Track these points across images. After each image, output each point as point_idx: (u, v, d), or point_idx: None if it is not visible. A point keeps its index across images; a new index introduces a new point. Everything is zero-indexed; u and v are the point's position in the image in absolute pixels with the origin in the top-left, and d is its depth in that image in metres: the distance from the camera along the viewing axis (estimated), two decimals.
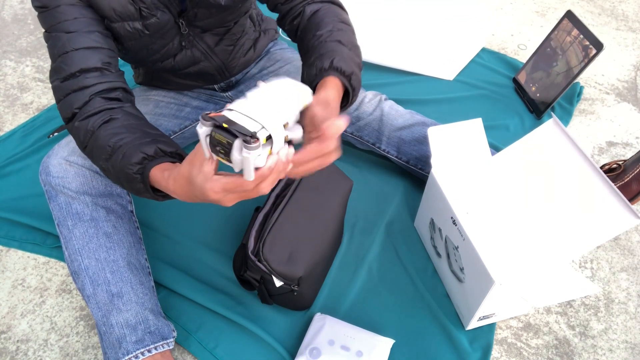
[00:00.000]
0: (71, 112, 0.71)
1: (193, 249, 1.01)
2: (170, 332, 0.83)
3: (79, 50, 0.72)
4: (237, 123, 0.48)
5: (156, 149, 0.65)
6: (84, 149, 0.72)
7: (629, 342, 0.89)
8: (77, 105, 0.70)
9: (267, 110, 0.51)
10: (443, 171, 0.87)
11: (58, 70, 0.72)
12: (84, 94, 0.71)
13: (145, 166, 0.64)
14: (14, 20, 1.68)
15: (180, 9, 0.82)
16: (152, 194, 0.66)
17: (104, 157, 0.68)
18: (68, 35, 0.72)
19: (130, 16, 0.77)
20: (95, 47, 0.73)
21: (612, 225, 0.72)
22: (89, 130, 0.69)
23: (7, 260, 1.03)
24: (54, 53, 0.73)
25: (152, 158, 0.64)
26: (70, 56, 0.71)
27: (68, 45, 0.72)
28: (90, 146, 0.70)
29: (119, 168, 0.65)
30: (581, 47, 1.19)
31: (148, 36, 0.81)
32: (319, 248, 0.83)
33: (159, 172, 0.63)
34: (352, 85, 0.71)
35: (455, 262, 0.86)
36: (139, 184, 0.65)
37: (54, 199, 0.84)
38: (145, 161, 0.64)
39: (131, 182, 0.65)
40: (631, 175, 0.99)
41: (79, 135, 0.71)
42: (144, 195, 0.67)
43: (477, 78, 1.39)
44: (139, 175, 0.64)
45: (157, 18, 0.80)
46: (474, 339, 0.88)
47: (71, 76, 0.71)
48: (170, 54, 0.89)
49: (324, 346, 0.83)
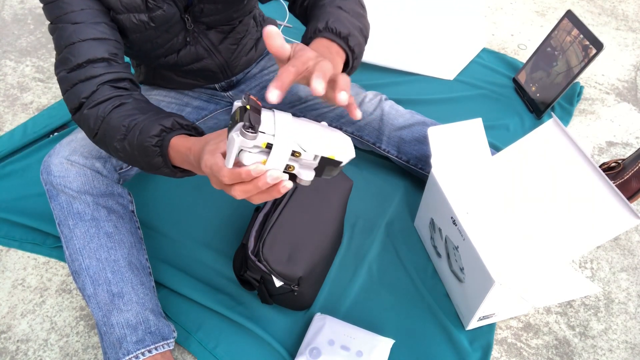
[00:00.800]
0: (78, 101, 0.71)
1: (193, 249, 1.01)
2: (170, 332, 0.83)
3: (85, 41, 0.72)
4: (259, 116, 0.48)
5: (173, 122, 0.65)
6: (94, 136, 0.71)
7: (629, 342, 0.89)
8: (85, 95, 0.70)
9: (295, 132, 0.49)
10: (443, 171, 0.87)
11: (64, 61, 0.72)
12: (92, 84, 0.71)
13: (164, 138, 0.64)
14: (14, 20, 1.68)
15: (186, 3, 0.83)
16: (170, 167, 0.66)
17: (119, 138, 0.67)
18: (74, 27, 0.72)
19: (137, 8, 0.78)
20: (102, 38, 0.73)
21: (612, 226, 0.72)
22: (100, 117, 0.69)
23: (7, 260, 1.03)
24: (60, 44, 0.73)
25: (169, 130, 0.65)
26: (77, 47, 0.71)
27: (74, 36, 0.72)
28: (102, 131, 0.69)
29: (137, 144, 0.65)
30: (581, 47, 1.19)
31: (153, 29, 0.82)
32: (319, 248, 0.83)
33: (179, 140, 0.63)
34: (349, 46, 0.68)
35: (455, 262, 0.86)
36: (157, 157, 0.65)
37: (55, 198, 0.84)
38: (163, 133, 0.64)
39: (150, 156, 0.65)
40: (630, 173, 0.99)
41: (88, 122, 0.70)
42: (162, 171, 0.67)
43: (477, 78, 1.39)
44: (157, 147, 0.64)
45: (163, 10, 0.80)
46: (474, 339, 0.88)
47: (78, 67, 0.71)
48: (174, 49, 0.89)
49: (324, 346, 0.83)
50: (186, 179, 1.14)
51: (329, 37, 0.67)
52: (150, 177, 1.14)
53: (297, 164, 0.51)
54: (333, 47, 0.66)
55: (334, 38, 0.67)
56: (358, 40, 0.70)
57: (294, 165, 0.51)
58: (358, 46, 0.70)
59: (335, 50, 0.66)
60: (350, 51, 0.68)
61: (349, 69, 0.70)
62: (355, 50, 0.69)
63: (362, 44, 0.71)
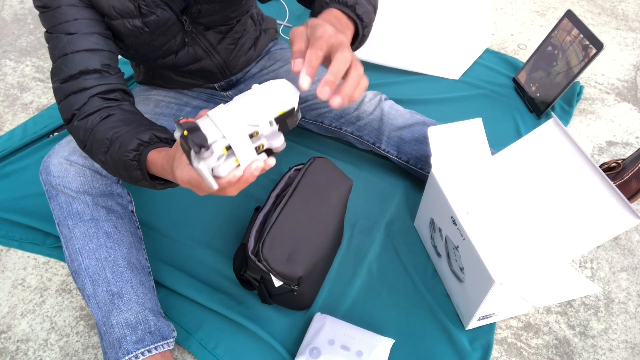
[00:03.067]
0: (71, 113, 0.72)
1: (193, 249, 1.01)
2: (170, 332, 0.83)
3: (78, 53, 0.73)
4: (200, 131, 0.47)
5: (151, 135, 0.66)
6: (83, 147, 0.73)
7: (629, 342, 0.89)
8: (76, 107, 0.72)
9: (237, 118, 0.49)
10: (443, 171, 0.87)
11: (58, 72, 0.73)
12: (83, 96, 0.72)
13: (142, 152, 0.65)
14: (14, 20, 1.68)
15: (183, 6, 0.83)
16: (149, 180, 0.67)
17: (103, 151, 0.69)
18: (68, 37, 0.73)
19: (130, 13, 0.78)
20: (95, 49, 0.74)
21: (612, 225, 0.72)
22: (88, 129, 0.70)
23: (7, 260, 1.03)
24: (55, 54, 0.74)
25: (147, 144, 0.66)
26: (70, 58, 0.72)
27: (68, 47, 0.72)
28: (90, 143, 0.71)
29: (117, 158, 0.66)
30: (581, 46, 1.19)
31: (148, 33, 0.82)
32: (319, 248, 0.83)
33: (155, 154, 0.64)
34: (357, 14, 0.66)
35: (455, 262, 0.86)
36: (136, 170, 0.66)
37: (54, 198, 0.84)
38: (141, 147, 0.65)
39: (129, 170, 0.66)
40: (630, 174, 0.99)
41: (78, 134, 0.72)
42: (142, 184, 0.68)
43: (477, 78, 1.39)
44: (135, 162, 0.65)
45: (156, 16, 0.80)
46: (474, 339, 0.88)
47: (71, 78, 0.72)
48: (172, 51, 0.89)
49: (324, 346, 0.83)
50: None
51: (337, 7, 0.66)
52: None
53: (263, 139, 0.51)
54: (342, 18, 0.65)
55: (341, 8, 0.66)
56: (366, 9, 0.68)
57: (262, 143, 0.51)
58: (367, 14, 0.68)
59: (344, 22, 0.65)
60: (359, 19, 0.67)
61: (359, 38, 0.69)
62: (364, 19, 0.68)
63: (370, 12, 0.70)
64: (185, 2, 0.82)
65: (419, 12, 1.55)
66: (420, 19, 1.53)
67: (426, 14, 1.55)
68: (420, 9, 1.55)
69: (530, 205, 0.81)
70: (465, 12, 1.53)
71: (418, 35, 1.49)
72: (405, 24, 1.54)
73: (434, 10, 1.55)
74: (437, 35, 1.49)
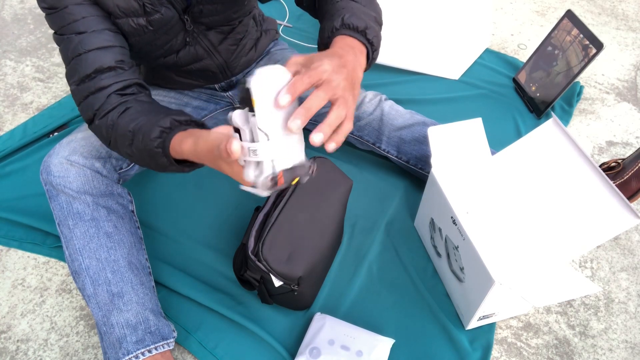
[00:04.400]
0: (92, 113, 0.73)
1: (193, 249, 1.01)
2: (170, 332, 0.83)
3: (91, 52, 0.73)
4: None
5: (171, 120, 0.67)
6: (109, 144, 0.74)
7: (629, 341, 0.89)
8: (96, 107, 0.73)
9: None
10: (443, 171, 0.87)
11: (73, 73, 0.74)
12: (102, 95, 0.73)
13: (165, 139, 0.66)
14: (14, 20, 1.68)
15: (185, 5, 0.83)
16: (176, 165, 0.68)
17: (127, 144, 0.70)
18: (79, 37, 0.73)
19: (134, 12, 0.78)
20: (107, 47, 0.75)
21: (612, 225, 0.72)
22: (109, 125, 0.72)
23: (7, 260, 1.03)
24: (67, 56, 0.74)
25: (169, 130, 0.66)
26: (84, 58, 0.73)
27: (80, 47, 0.73)
28: (114, 138, 0.72)
29: (142, 148, 0.67)
30: (581, 46, 1.19)
31: (152, 32, 0.82)
32: (318, 248, 0.83)
33: (178, 138, 0.65)
34: (368, 39, 0.68)
35: (455, 261, 0.86)
36: (162, 157, 0.66)
37: (54, 198, 0.84)
38: (163, 134, 0.66)
39: (155, 158, 0.67)
40: (630, 173, 0.99)
41: (102, 132, 0.73)
42: (171, 169, 0.69)
43: (477, 78, 1.39)
44: (160, 149, 0.66)
45: (160, 14, 0.80)
46: (474, 339, 0.88)
47: (87, 77, 0.73)
48: (174, 50, 0.89)
49: (324, 346, 0.83)
50: (186, 179, 1.14)
51: (348, 33, 0.67)
52: (150, 177, 1.14)
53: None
54: (356, 45, 0.67)
55: (352, 34, 0.67)
56: (375, 32, 0.70)
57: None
58: (376, 38, 0.70)
59: (359, 49, 0.66)
60: (370, 44, 0.69)
61: (369, 61, 0.70)
62: (374, 43, 0.69)
63: (379, 34, 0.72)
64: (187, 1, 0.83)
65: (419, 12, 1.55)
66: (421, 19, 1.53)
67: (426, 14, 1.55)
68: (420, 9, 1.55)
69: (530, 205, 0.81)
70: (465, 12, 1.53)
71: (418, 35, 1.49)
72: (406, 23, 1.54)
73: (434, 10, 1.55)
74: (437, 35, 1.49)
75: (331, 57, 0.58)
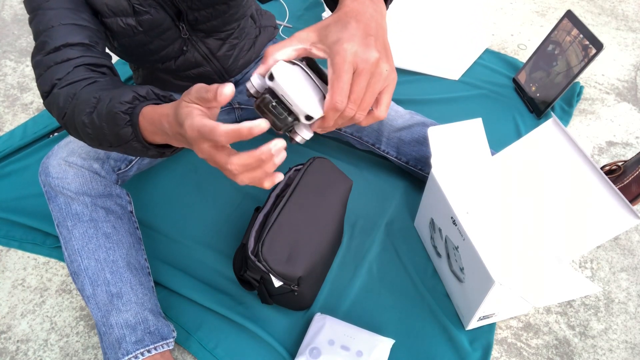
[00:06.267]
0: (51, 83, 0.64)
1: (193, 249, 1.01)
2: (170, 333, 0.83)
3: (66, 25, 0.67)
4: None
5: (148, 90, 0.59)
6: (62, 117, 0.64)
7: (629, 342, 0.89)
8: (59, 76, 0.64)
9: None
10: (443, 171, 0.87)
11: (41, 46, 0.67)
12: (68, 65, 0.65)
13: (136, 106, 0.57)
14: (14, 20, 1.68)
15: (176, 10, 0.82)
16: (141, 141, 0.58)
17: (88, 111, 0.60)
18: (54, 12, 0.68)
19: (123, 11, 0.77)
20: (83, 25, 0.70)
21: (612, 225, 0.72)
22: (70, 94, 0.63)
23: (7, 260, 1.03)
24: (39, 29, 0.67)
25: (143, 99, 0.58)
26: (56, 30, 0.66)
27: (55, 20, 0.67)
28: (72, 108, 0.62)
29: (106, 112, 0.57)
30: (581, 46, 1.19)
31: (142, 33, 0.81)
32: (318, 248, 0.83)
33: (150, 109, 0.56)
34: None
35: (455, 262, 0.86)
36: (126, 127, 0.56)
37: (53, 199, 0.84)
38: (136, 101, 0.57)
39: (118, 126, 0.57)
40: (631, 177, 0.99)
41: (58, 102, 0.63)
42: (132, 146, 0.59)
43: (477, 78, 1.39)
44: (127, 115, 0.56)
45: (150, 15, 0.79)
46: (474, 339, 0.88)
47: (55, 49, 0.66)
48: (171, 57, 0.89)
49: (324, 346, 0.83)
50: (185, 179, 1.14)
51: None
52: (149, 178, 1.14)
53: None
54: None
55: None
56: None
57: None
58: None
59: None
60: None
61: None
62: None
63: None
64: (176, 6, 0.82)
65: (419, 13, 1.55)
66: (421, 20, 1.53)
67: (426, 14, 1.55)
68: (420, 9, 1.55)
69: (530, 205, 0.81)
70: (465, 13, 1.53)
71: (418, 35, 1.49)
72: (406, 24, 1.54)
73: (434, 10, 1.55)
74: (437, 36, 1.49)
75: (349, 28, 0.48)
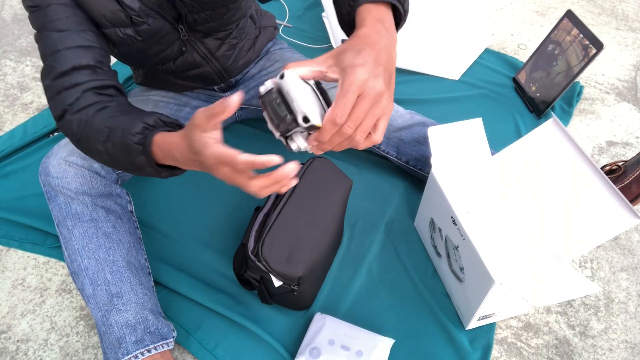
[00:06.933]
0: (62, 109, 0.69)
1: (193, 249, 1.01)
2: (170, 332, 0.83)
3: (71, 49, 0.71)
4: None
5: (156, 119, 0.64)
6: (77, 141, 0.70)
7: (629, 341, 0.89)
8: (69, 102, 0.69)
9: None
10: (443, 171, 0.87)
11: (49, 70, 0.71)
12: (76, 91, 0.69)
13: (147, 135, 0.62)
14: (14, 20, 1.68)
15: (176, 14, 0.82)
16: (154, 166, 0.63)
17: (102, 140, 0.65)
18: (59, 34, 0.71)
19: (121, 22, 0.77)
20: (87, 46, 0.73)
21: (612, 225, 0.72)
22: (83, 121, 0.68)
23: (7, 260, 1.03)
24: (45, 52, 0.72)
25: (152, 127, 0.63)
26: (62, 54, 0.70)
27: (60, 44, 0.71)
28: (86, 135, 0.68)
29: (119, 143, 0.63)
30: (581, 46, 1.19)
31: (142, 42, 0.81)
32: (318, 248, 0.83)
33: (160, 137, 0.61)
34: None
35: (455, 261, 0.86)
36: (140, 156, 0.62)
37: (53, 199, 0.84)
38: (146, 131, 0.62)
39: (132, 155, 0.63)
40: (631, 178, 0.99)
41: (71, 128, 0.69)
42: (146, 171, 0.64)
43: (477, 78, 1.39)
44: (140, 145, 0.62)
45: (147, 25, 0.79)
46: (474, 339, 0.88)
47: (63, 74, 0.70)
48: (170, 58, 0.89)
49: (324, 346, 0.83)
50: (185, 179, 1.14)
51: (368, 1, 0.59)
52: (149, 178, 1.14)
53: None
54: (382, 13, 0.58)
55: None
56: None
57: None
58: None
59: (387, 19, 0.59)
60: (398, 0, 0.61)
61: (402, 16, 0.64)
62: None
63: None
64: (176, 10, 0.82)
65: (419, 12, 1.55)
66: (421, 19, 1.53)
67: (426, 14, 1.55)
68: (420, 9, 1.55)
69: (530, 205, 0.81)
70: (465, 12, 1.53)
71: (418, 35, 1.49)
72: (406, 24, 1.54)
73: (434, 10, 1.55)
74: (437, 35, 1.49)
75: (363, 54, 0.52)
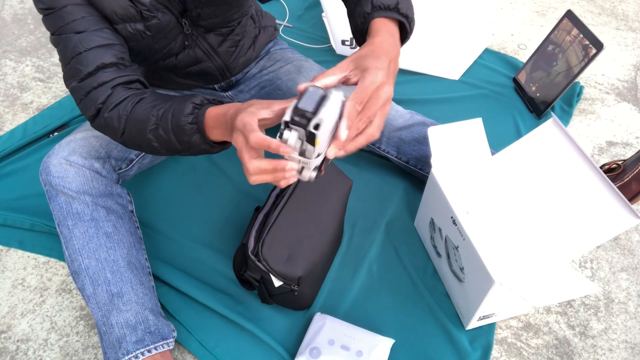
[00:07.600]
0: (95, 108, 0.71)
1: (193, 249, 1.01)
2: (170, 332, 0.83)
3: (92, 50, 0.72)
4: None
5: (202, 98, 0.67)
6: (121, 135, 0.72)
7: (629, 342, 0.89)
8: (101, 100, 0.71)
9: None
10: (443, 171, 0.87)
11: (74, 72, 0.72)
12: (105, 88, 0.71)
13: (197, 115, 0.65)
14: (14, 20, 1.69)
15: (182, 8, 0.82)
16: (209, 142, 0.67)
17: (152, 128, 0.68)
18: (79, 36, 0.73)
19: (132, 17, 0.78)
20: (107, 45, 0.74)
21: (612, 225, 0.72)
22: (122, 115, 0.70)
23: (7, 260, 1.03)
24: (67, 55, 0.73)
25: (200, 106, 0.66)
26: (85, 56, 0.72)
27: (80, 46, 0.72)
28: (130, 127, 0.70)
29: (173, 126, 0.67)
30: (581, 46, 1.19)
31: (150, 37, 0.82)
32: (318, 248, 0.83)
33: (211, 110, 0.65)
34: (402, 14, 0.67)
35: (455, 262, 0.86)
36: (195, 134, 0.66)
37: (54, 198, 0.84)
38: (196, 110, 0.66)
39: (188, 135, 0.66)
40: (631, 175, 0.99)
41: (112, 124, 0.71)
42: (201, 148, 0.68)
43: (477, 78, 1.39)
44: (194, 125, 0.65)
45: (158, 19, 0.80)
46: (474, 339, 0.88)
47: (89, 75, 0.72)
48: (173, 53, 0.89)
49: (324, 346, 0.83)
50: (186, 178, 1.14)
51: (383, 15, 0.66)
52: (150, 178, 1.14)
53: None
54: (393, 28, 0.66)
55: (388, 14, 0.66)
56: (407, 3, 0.68)
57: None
58: (410, 9, 0.69)
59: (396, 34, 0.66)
60: (406, 18, 0.67)
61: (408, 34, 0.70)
62: (409, 15, 0.68)
63: (410, 4, 0.70)
64: (183, 4, 0.82)
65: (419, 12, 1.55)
66: (420, 19, 1.53)
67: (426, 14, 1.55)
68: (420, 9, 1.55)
69: (530, 205, 0.81)
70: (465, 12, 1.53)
71: (418, 35, 1.49)
72: None
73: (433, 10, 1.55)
74: (437, 35, 1.49)
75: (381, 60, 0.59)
